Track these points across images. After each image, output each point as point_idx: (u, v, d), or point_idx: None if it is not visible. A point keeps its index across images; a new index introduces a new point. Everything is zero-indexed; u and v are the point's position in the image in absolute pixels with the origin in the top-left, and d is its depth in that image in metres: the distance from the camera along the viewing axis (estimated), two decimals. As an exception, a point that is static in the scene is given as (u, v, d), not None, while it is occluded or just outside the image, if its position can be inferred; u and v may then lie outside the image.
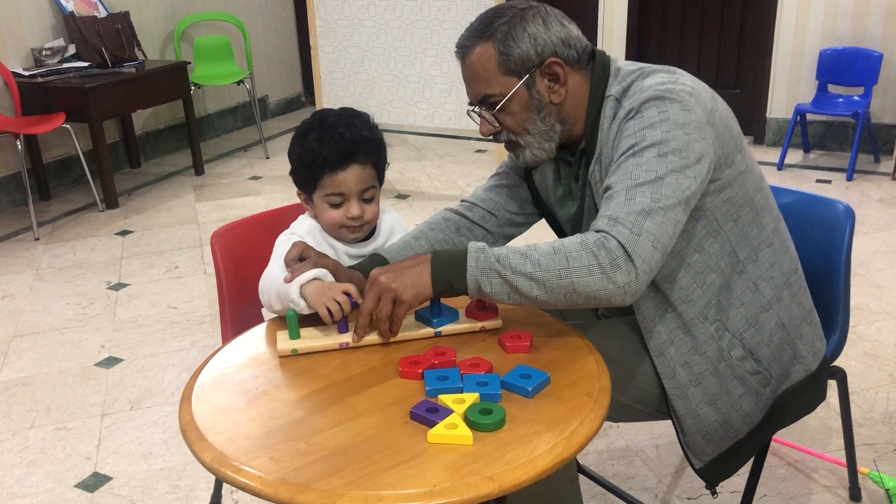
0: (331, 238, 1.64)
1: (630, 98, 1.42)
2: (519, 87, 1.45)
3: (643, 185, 1.32)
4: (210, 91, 5.68)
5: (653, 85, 1.40)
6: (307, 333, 1.37)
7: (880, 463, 2.11)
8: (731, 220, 1.45)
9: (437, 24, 4.12)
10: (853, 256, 1.86)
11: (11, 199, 4.40)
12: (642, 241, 1.29)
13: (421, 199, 4.35)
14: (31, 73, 4.24)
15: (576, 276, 1.28)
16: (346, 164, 1.55)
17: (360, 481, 1.02)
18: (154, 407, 2.52)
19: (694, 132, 1.35)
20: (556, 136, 1.49)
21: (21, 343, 2.96)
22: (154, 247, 3.82)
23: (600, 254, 1.28)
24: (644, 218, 1.30)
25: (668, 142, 1.34)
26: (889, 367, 2.57)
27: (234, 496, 2.09)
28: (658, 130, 1.35)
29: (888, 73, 4.57)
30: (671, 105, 1.36)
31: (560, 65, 1.44)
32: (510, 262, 1.31)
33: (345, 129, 1.55)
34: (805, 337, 1.55)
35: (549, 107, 1.47)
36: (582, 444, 1.09)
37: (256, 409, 1.20)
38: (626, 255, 1.28)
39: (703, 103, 1.40)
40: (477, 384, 1.20)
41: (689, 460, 1.54)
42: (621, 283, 1.28)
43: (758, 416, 1.53)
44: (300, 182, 1.62)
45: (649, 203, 1.31)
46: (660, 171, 1.33)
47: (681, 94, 1.37)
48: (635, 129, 1.38)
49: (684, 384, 1.48)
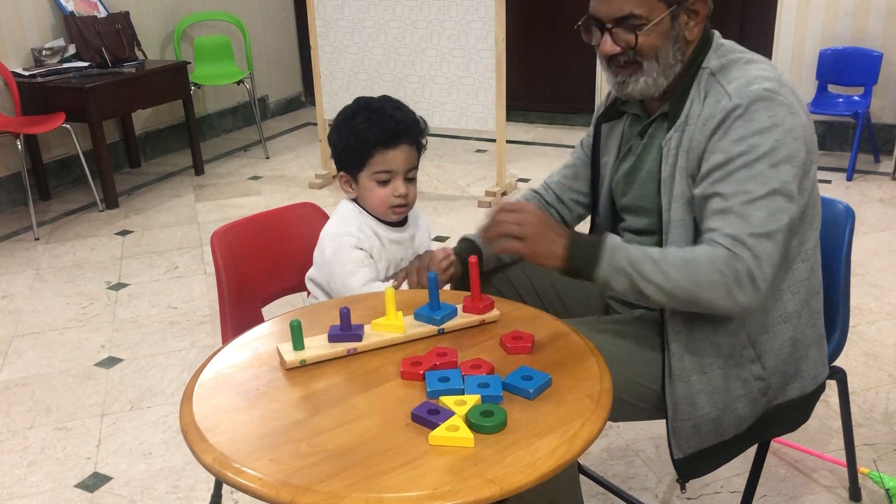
0: (378, 226, 1.75)
1: (734, 84, 1.40)
2: (665, 14, 1.45)
3: (759, 199, 1.33)
4: (210, 91, 5.67)
5: (759, 77, 1.39)
6: (311, 343, 1.36)
7: (880, 463, 2.11)
8: None
9: (437, 24, 4.11)
10: (853, 256, 1.86)
11: (11, 199, 4.40)
12: (764, 265, 1.33)
13: (421, 198, 4.34)
14: (31, 73, 4.24)
15: (703, 291, 1.34)
16: (397, 143, 1.69)
17: (361, 483, 1.02)
18: (154, 407, 2.52)
19: (801, 137, 1.37)
20: (672, 75, 1.49)
21: (21, 343, 2.95)
22: (154, 247, 3.82)
23: (729, 275, 1.32)
24: (764, 240, 1.33)
25: (779, 149, 1.34)
26: (889, 367, 2.57)
27: (233, 496, 2.09)
28: (769, 137, 1.35)
29: (888, 73, 4.57)
30: (780, 109, 1.36)
31: (704, 2, 1.47)
32: (642, 269, 1.36)
33: (394, 112, 1.70)
34: (811, 359, 1.56)
35: (683, 42, 1.48)
36: (584, 446, 1.09)
37: (257, 409, 1.20)
38: (751, 278, 1.33)
39: (804, 106, 1.41)
40: (478, 386, 1.20)
41: (671, 448, 1.53)
42: (744, 304, 1.34)
43: (747, 422, 1.53)
44: (347, 162, 1.73)
45: (767, 221, 1.33)
46: (773, 183, 1.33)
47: (787, 97, 1.38)
48: (745, 133, 1.36)
49: (690, 369, 1.48)
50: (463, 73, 4.15)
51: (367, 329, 1.39)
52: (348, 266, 1.71)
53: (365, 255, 1.73)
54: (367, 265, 1.73)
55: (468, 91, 4.16)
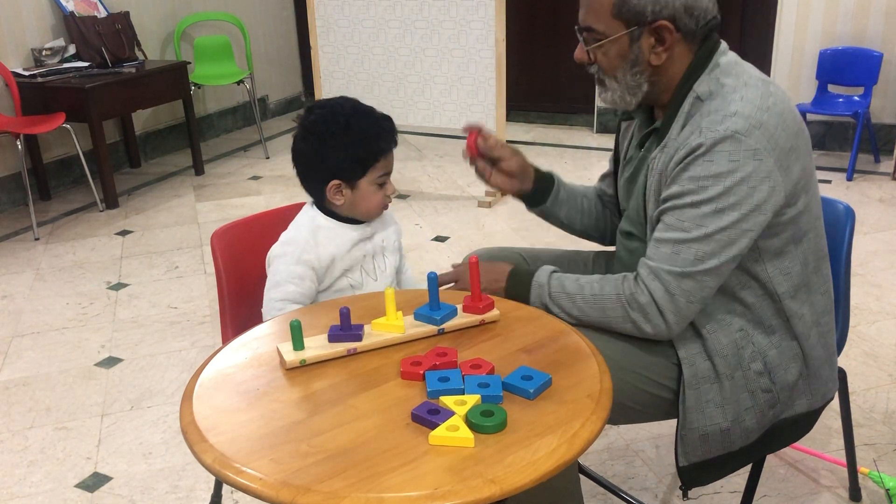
0: (345, 228, 1.71)
1: (709, 118, 1.37)
2: (622, 34, 1.43)
3: (692, 241, 1.37)
4: (210, 91, 5.67)
5: (736, 114, 1.35)
6: (311, 343, 1.36)
7: (880, 463, 2.11)
8: (776, 255, 1.45)
9: (437, 24, 4.11)
10: (853, 256, 1.86)
11: (11, 199, 4.40)
12: (677, 298, 1.39)
13: (421, 198, 4.35)
14: (31, 73, 4.24)
15: (613, 323, 1.47)
16: (394, 145, 1.68)
17: (361, 483, 1.02)
18: (154, 407, 2.52)
19: (760, 183, 1.34)
20: (640, 94, 1.48)
21: (21, 343, 2.95)
22: (154, 247, 3.82)
23: (632, 310, 1.43)
24: (683, 279, 1.38)
25: (728, 196, 1.34)
26: (889, 367, 2.57)
27: (234, 496, 2.09)
28: (722, 184, 1.34)
29: (888, 73, 4.57)
30: (743, 153, 1.33)
31: (670, 31, 1.41)
32: (561, 304, 1.51)
33: (378, 113, 1.68)
34: (822, 378, 1.55)
35: (645, 65, 1.45)
36: (584, 446, 1.09)
37: (257, 409, 1.20)
38: (658, 311, 1.41)
39: (782, 144, 1.36)
40: (478, 386, 1.20)
41: (677, 456, 1.53)
42: (651, 334, 1.44)
43: (754, 435, 1.53)
44: (348, 171, 1.65)
45: (692, 262, 1.37)
46: (710, 228, 1.36)
47: (759, 139, 1.33)
48: (701, 173, 1.35)
49: (702, 377, 1.48)
50: (463, 73, 4.15)
51: (367, 329, 1.39)
52: (278, 276, 1.67)
53: (304, 272, 1.67)
54: (298, 285, 1.66)
55: (468, 91, 4.16)
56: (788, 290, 1.47)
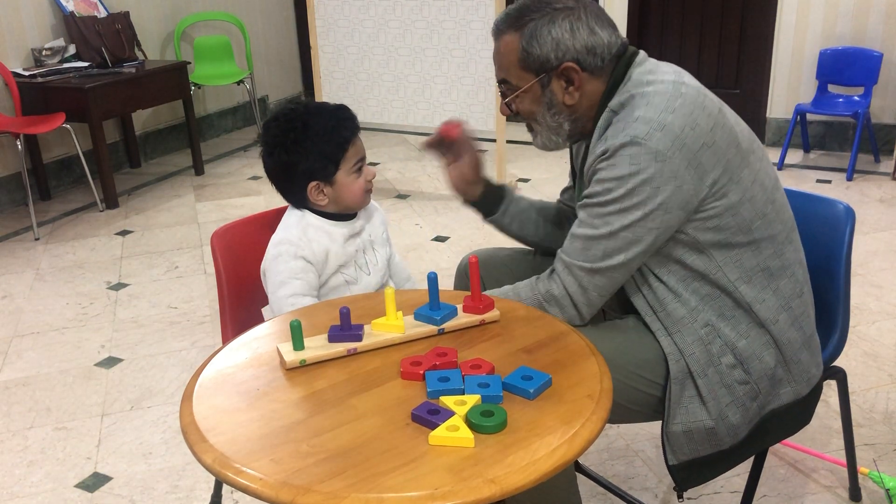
0: (332, 226, 1.73)
1: (615, 126, 1.45)
2: (533, 83, 1.51)
3: (600, 238, 1.45)
4: (210, 91, 5.67)
5: (640, 119, 1.41)
6: (311, 343, 1.36)
7: (880, 463, 2.12)
8: (721, 247, 1.48)
9: (437, 24, 4.12)
10: (853, 256, 1.86)
11: (11, 199, 4.40)
12: (589, 293, 1.49)
13: (421, 198, 4.35)
14: (31, 73, 4.24)
15: None
16: (357, 130, 1.71)
17: (361, 483, 1.02)
18: (154, 407, 2.52)
19: (664, 184, 1.39)
20: (563, 132, 1.57)
21: (21, 343, 2.95)
22: (154, 247, 3.82)
23: (549, 305, 1.51)
24: (594, 274, 1.47)
25: (632, 197, 1.41)
26: (889, 367, 2.57)
27: (234, 496, 2.09)
28: (624, 186, 1.41)
29: (888, 73, 4.57)
30: (644, 157, 1.39)
31: (576, 71, 1.49)
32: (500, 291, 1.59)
33: (331, 105, 1.72)
34: (802, 362, 1.56)
35: (561, 106, 1.53)
36: (584, 446, 1.09)
37: (257, 409, 1.20)
38: (572, 303, 1.50)
39: (691, 144, 1.40)
40: (478, 386, 1.20)
41: (665, 455, 1.54)
42: (568, 322, 1.49)
43: (743, 431, 1.53)
44: (322, 170, 1.69)
45: (601, 258, 1.46)
46: (615, 226, 1.43)
47: (661, 141, 1.39)
48: (606, 176, 1.43)
49: (685, 374, 1.50)
50: (463, 73, 4.15)
51: (367, 329, 1.39)
52: (281, 276, 1.68)
53: (305, 265, 1.69)
54: (302, 278, 1.69)
55: (468, 91, 4.17)
56: (741, 276, 1.49)
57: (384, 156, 5.16)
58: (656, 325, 1.52)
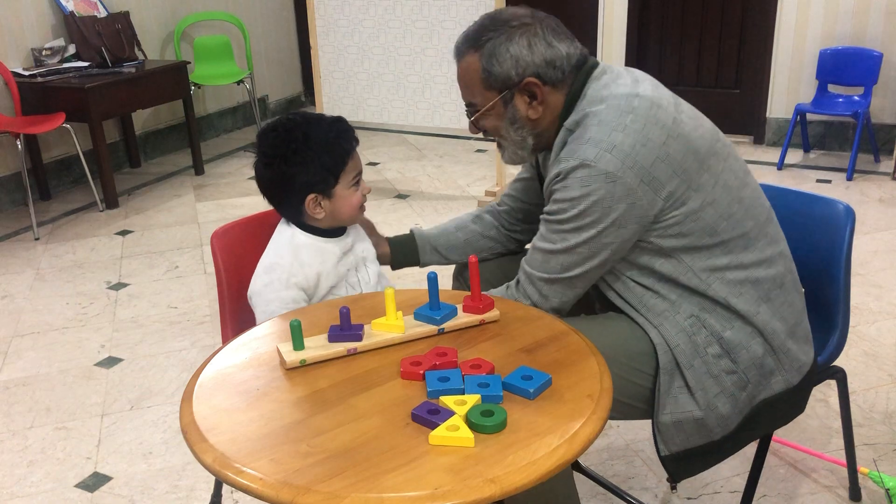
0: (325, 243, 1.70)
1: (568, 147, 1.49)
2: (497, 101, 1.55)
3: (558, 252, 1.50)
4: (210, 91, 5.67)
5: (591, 141, 1.44)
6: (311, 343, 1.36)
7: (880, 463, 2.12)
8: (687, 251, 1.49)
9: (437, 24, 4.11)
10: (853, 256, 1.86)
11: (11, 199, 4.40)
12: (551, 300, 1.55)
13: (421, 199, 4.35)
14: (31, 72, 4.24)
15: None
16: (357, 143, 1.68)
17: (361, 483, 1.02)
18: (154, 407, 2.52)
19: (616, 203, 1.43)
20: (528, 146, 1.61)
21: (21, 343, 2.96)
22: (154, 247, 3.82)
23: None
24: (553, 284, 1.53)
25: (585, 216, 1.45)
26: (889, 367, 2.57)
27: (234, 496, 2.09)
28: (577, 207, 1.45)
29: (888, 73, 4.57)
30: (595, 179, 1.43)
31: (538, 86, 1.52)
32: None
33: (329, 117, 1.68)
34: (791, 351, 1.56)
35: (525, 121, 1.57)
36: (584, 446, 1.09)
37: (257, 409, 1.20)
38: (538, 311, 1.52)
39: (642, 161, 1.42)
40: (478, 386, 1.20)
41: (657, 446, 1.55)
42: None
43: (734, 421, 1.53)
44: (322, 182, 1.64)
45: (559, 271, 1.52)
46: (571, 242, 1.48)
47: (610, 162, 1.42)
48: (560, 197, 1.48)
49: (673, 365, 1.51)
50: (463, 73, 4.14)
51: (367, 329, 1.39)
52: (271, 305, 1.64)
53: (296, 295, 1.65)
54: (293, 308, 1.62)
55: (468, 91, 4.16)
56: (713, 275, 1.50)
57: (384, 156, 5.16)
58: (640, 319, 1.54)
